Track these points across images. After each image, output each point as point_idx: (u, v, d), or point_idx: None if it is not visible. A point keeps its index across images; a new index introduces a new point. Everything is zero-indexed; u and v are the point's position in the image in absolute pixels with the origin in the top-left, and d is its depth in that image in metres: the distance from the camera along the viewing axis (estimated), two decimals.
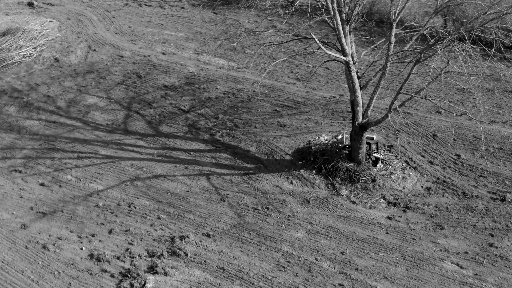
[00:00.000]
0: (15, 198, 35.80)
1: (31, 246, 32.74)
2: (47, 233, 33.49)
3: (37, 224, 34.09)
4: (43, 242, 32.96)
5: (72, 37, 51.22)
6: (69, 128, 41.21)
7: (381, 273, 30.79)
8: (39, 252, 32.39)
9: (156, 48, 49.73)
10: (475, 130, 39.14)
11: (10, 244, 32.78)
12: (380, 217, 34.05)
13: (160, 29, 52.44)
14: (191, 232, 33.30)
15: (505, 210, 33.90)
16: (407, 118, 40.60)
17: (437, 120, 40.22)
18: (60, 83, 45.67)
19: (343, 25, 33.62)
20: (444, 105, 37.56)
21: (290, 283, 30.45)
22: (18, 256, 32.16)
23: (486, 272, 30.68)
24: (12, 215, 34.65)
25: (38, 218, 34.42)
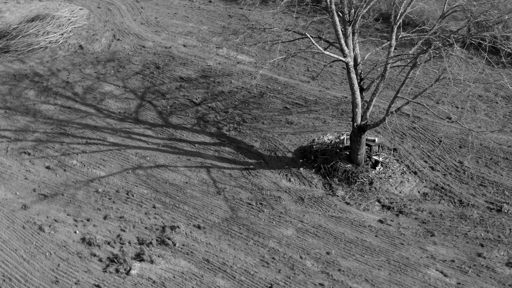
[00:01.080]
0: (20, 179, 36.97)
1: (28, 227, 33.79)
2: (45, 215, 34.50)
3: (37, 205, 35.15)
4: (40, 223, 33.97)
5: (99, 26, 52.36)
6: (82, 114, 42.26)
7: (363, 276, 30.84)
8: (34, 233, 33.41)
9: (178, 40, 50.45)
10: (483, 138, 38.63)
11: (8, 223, 33.89)
12: (372, 219, 34.04)
13: (185, 22, 53.15)
14: (183, 222, 33.87)
15: (500, 220, 33.49)
16: (416, 122, 40.29)
17: (446, 126, 39.83)
18: (81, 70, 46.79)
19: (346, 26, 33.58)
20: (436, 111, 37.11)
21: (271, 279, 30.75)
22: (14, 235, 33.23)
23: (469, 282, 30.45)
24: (15, 195, 35.80)
25: (39, 200, 35.48)
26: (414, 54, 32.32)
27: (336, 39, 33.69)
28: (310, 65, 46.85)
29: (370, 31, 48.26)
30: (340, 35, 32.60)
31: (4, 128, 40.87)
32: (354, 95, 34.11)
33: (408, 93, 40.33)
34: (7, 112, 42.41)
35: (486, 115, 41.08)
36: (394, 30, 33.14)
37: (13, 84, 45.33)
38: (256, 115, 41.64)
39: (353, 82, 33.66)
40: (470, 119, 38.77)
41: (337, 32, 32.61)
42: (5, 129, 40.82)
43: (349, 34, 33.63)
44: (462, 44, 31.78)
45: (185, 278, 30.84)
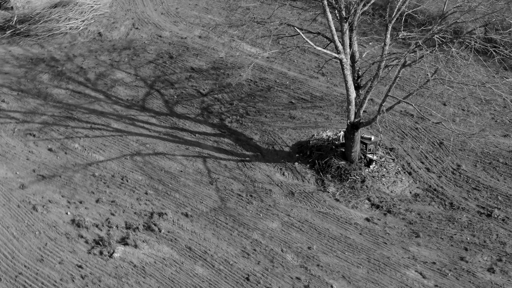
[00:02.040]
0: (22, 160, 38.05)
1: (23, 206, 34.79)
2: (41, 195, 35.47)
3: (35, 185, 36.16)
4: (34, 202, 34.95)
5: (120, 14, 53.28)
6: (91, 99, 43.19)
7: (341, 272, 30.93)
8: (28, 212, 34.40)
9: (195, 31, 51.02)
10: (485, 142, 38.19)
11: (5, 201, 34.97)
12: (359, 217, 34.06)
13: (204, 13, 53.66)
14: (171, 210, 34.43)
15: (488, 225, 33.13)
16: (419, 123, 40.04)
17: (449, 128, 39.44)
18: (96, 57, 47.76)
19: (342, 22, 33.59)
20: (424, 111, 36.74)
21: (249, 270, 31.08)
22: (8, 213, 34.27)
23: (448, 284, 30.29)
24: (15, 175, 36.88)
25: (37, 180, 36.48)
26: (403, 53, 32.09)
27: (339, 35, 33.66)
28: (321, 61, 46.83)
29: (375, 28, 47.91)
30: (334, 31, 32.63)
31: (14, 109, 42.02)
32: (347, 92, 34.11)
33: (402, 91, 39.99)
34: (19, 94, 43.58)
35: (493, 119, 40.45)
36: (388, 28, 32.99)
37: (30, 68, 46.53)
38: (260, 108, 41.90)
39: (347, 79, 33.68)
40: (468, 122, 38.34)
41: (330, 28, 32.60)
42: (15, 110, 41.97)
43: (345, 31, 33.55)
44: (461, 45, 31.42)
45: (165, 264, 31.36)
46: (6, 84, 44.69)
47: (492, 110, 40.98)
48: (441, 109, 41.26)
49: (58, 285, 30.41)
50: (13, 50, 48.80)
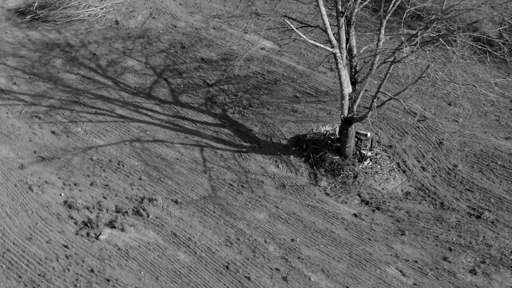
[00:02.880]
0: (25, 141, 39.02)
1: (20, 185, 35.70)
2: (38, 176, 36.33)
3: (34, 166, 37.05)
4: (31, 183, 35.81)
5: (139, 3, 54.01)
6: (99, 85, 43.98)
7: (321, 266, 31.03)
8: (23, 191, 35.28)
9: (210, 22, 51.40)
10: (485, 144, 37.79)
11: (3, 180, 35.92)
12: (347, 213, 34.07)
13: (222, 5, 54.03)
14: (162, 196, 34.93)
15: (476, 227, 32.83)
16: (421, 121, 39.75)
17: (451, 127, 39.13)
18: (110, 44, 48.55)
19: (338, 17, 33.60)
20: (416, 109, 36.42)
21: (230, 259, 31.39)
22: (5, 191, 35.21)
23: (426, 283, 30.14)
24: (17, 155, 37.84)
25: (37, 162, 37.37)
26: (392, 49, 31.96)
27: (337, 30, 33.63)
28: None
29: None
30: (327, 25, 32.65)
31: (24, 92, 43.03)
32: (341, 87, 34.10)
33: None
34: (31, 77, 44.58)
35: (497, 120, 39.96)
36: (383, 24, 32.86)
37: (44, 52, 47.54)
38: (264, 100, 42.10)
39: (341, 74, 33.66)
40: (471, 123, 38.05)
41: (324, 22, 32.62)
42: (25, 93, 42.96)
43: (342, 25, 33.52)
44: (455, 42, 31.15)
45: (149, 249, 31.85)
46: (20, 67, 45.74)
47: (498, 112, 40.32)
48: (446, 109, 40.86)
49: (43, 264, 31.08)
50: (31, 35, 49.88)
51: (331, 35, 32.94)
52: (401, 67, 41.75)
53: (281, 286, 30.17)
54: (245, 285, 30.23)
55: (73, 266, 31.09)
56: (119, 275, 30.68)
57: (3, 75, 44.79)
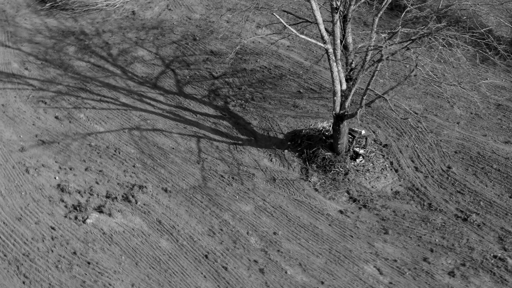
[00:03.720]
0: (28, 124, 40.03)
1: (17, 167, 36.69)
2: (36, 159, 37.27)
3: (33, 149, 38.01)
4: (28, 165, 36.77)
5: None
6: (107, 74, 44.79)
7: (299, 260, 31.22)
8: (20, 173, 36.25)
9: (224, 16, 51.80)
10: (483, 147, 37.42)
11: (2, 162, 36.98)
12: (333, 209, 34.15)
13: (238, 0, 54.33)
14: (152, 184, 35.52)
15: (460, 230, 32.62)
16: (421, 122, 39.54)
17: (451, 130, 38.86)
18: (124, 34, 49.36)
19: (333, 13, 33.66)
20: (401, 106, 36.14)
21: (210, 248, 31.82)
22: (3, 172, 36.25)
23: (402, 283, 30.10)
24: (19, 138, 38.88)
25: (37, 145, 38.33)
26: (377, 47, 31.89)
27: (331, 26, 33.69)
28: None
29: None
30: (319, 20, 32.73)
31: (34, 77, 44.09)
32: (333, 83, 34.15)
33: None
34: (43, 63, 45.62)
35: (499, 124, 39.51)
36: (375, 21, 32.79)
37: (59, 39, 48.58)
38: (267, 95, 42.34)
39: (333, 70, 33.70)
40: (471, 126, 37.72)
41: (315, 17, 32.72)
42: (34, 78, 44.02)
43: (336, 21, 33.55)
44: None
45: (133, 234, 32.46)
46: (34, 53, 46.82)
47: (501, 115, 39.83)
48: (448, 110, 40.49)
49: (28, 244, 31.91)
50: (49, 22, 50.95)
51: (322, 30, 32.98)
52: (391, 65, 41.51)
53: (257, 278, 30.41)
54: (222, 275, 30.54)
55: (57, 247, 31.82)
56: (100, 258, 31.31)
57: (17, 60, 45.89)
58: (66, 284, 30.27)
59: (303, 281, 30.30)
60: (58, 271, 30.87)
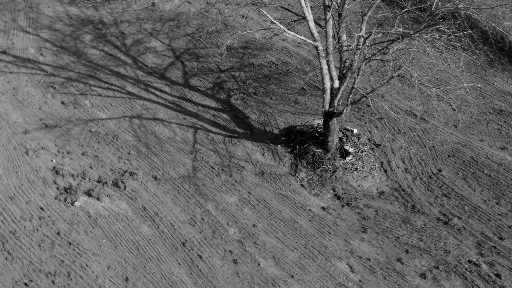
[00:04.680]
0: (35, 108, 41.46)
1: (18, 148, 38.11)
2: (37, 141, 38.64)
3: (36, 132, 39.41)
4: (29, 147, 38.15)
5: None
6: (118, 62, 45.96)
7: (273, 253, 31.73)
8: (19, 154, 37.67)
9: (240, 10, 52.46)
10: (478, 152, 37.27)
11: (4, 143, 38.45)
12: (316, 205, 34.53)
13: None
14: (144, 171, 36.46)
15: (439, 233, 32.66)
16: (419, 124, 39.55)
17: (448, 133, 38.77)
18: (141, 24, 50.50)
19: (325, 11, 34.01)
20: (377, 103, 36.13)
21: (189, 236, 32.61)
22: (4, 153, 37.72)
23: (372, 282, 30.36)
24: (24, 121, 40.33)
25: (40, 128, 39.71)
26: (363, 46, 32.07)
27: (324, 23, 34.05)
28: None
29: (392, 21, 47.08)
30: (308, 18, 33.09)
31: (48, 63, 45.54)
32: (323, 81, 34.49)
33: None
34: (58, 50, 47.06)
35: (498, 129, 39.21)
36: (364, 20, 32.99)
37: (78, 28, 49.97)
38: (270, 90, 42.85)
39: (322, 67, 34.03)
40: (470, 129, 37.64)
41: (305, 15, 33.10)
42: (48, 64, 45.47)
43: (328, 19, 33.88)
44: None
45: (117, 219, 33.45)
46: (51, 40, 48.29)
47: (502, 121, 39.49)
48: (449, 113, 40.32)
49: (16, 222, 33.20)
50: (70, 10, 52.40)
51: (312, 27, 33.30)
52: (382, 65, 41.51)
53: (229, 268, 31.01)
54: (196, 262, 31.25)
55: (43, 227, 32.99)
56: (82, 240, 32.36)
57: (34, 46, 47.40)
58: (46, 262, 31.35)
59: (274, 273, 30.74)
60: (40, 249, 31.97)
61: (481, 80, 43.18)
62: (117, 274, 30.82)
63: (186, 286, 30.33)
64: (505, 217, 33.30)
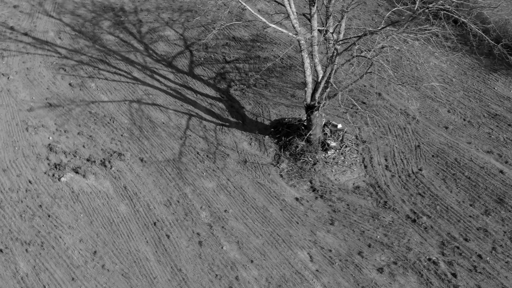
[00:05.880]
0: (43, 88, 43.61)
1: (20, 125, 40.26)
2: (38, 119, 40.72)
3: (39, 110, 41.50)
4: (30, 124, 40.25)
5: None
6: (130, 49, 47.74)
7: (238, 238, 32.85)
8: (20, 130, 39.80)
9: (258, 4, 53.56)
10: (463, 154, 37.49)
11: (9, 118, 40.66)
12: (291, 196, 35.44)
13: None
14: (132, 153, 38.04)
15: (405, 229, 33.16)
16: (410, 123, 39.93)
17: (437, 134, 39.08)
18: (159, 14, 52.19)
19: (310, 6, 34.86)
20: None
21: (161, 217, 34.05)
22: (6, 128, 39.92)
23: (329, 272, 31.16)
24: (31, 99, 42.51)
25: (44, 107, 41.79)
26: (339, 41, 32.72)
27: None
28: None
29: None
30: (290, 12, 33.98)
31: (63, 46, 47.67)
32: (304, 74, 35.33)
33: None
34: (76, 34, 49.17)
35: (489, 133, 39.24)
36: (344, 16, 33.67)
37: (98, 14, 52.00)
38: (270, 82, 43.84)
39: (304, 61, 34.87)
40: (461, 133, 37.79)
41: (286, 8, 34.00)
42: (64, 47, 47.60)
43: (313, 14, 34.70)
44: None
45: (98, 196, 35.12)
46: (72, 24, 50.44)
47: (494, 125, 39.48)
48: (445, 115, 40.52)
49: (4, 193, 35.23)
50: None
51: (294, 21, 34.14)
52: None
53: (193, 249, 32.24)
54: (163, 242, 32.60)
55: (28, 199, 34.90)
56: (61, 213, 34.12)
57: (54, 30, 49.59)
58: (24, 232, 33.21)
59: (235, 257, 31.79)
60: (21, 219, 33.86)
61: (482, 83, 43.05)
62: (87, 247, 32.38)
63: (149, 263, 31.62)
64: (475, 219, 33.42)
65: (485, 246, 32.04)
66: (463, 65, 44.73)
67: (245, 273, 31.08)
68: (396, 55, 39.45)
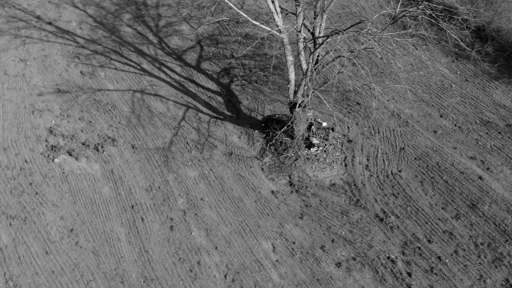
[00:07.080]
0: (56, 74, 46.09)
1: (28, 108, 42.78)
2: (46, 104, 43.17)
3: (48, 96, 43.96)
4: (37, 107, 42.72)
5: None
6: (144, 41, 49.83)
7: (208, 225, 34.39)
8: (27, 113, 42.31)
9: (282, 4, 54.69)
10: (446, 158, 38.04)
11: (19, 102, 43.24)
12: (268, 189, 36.73)
13: None
14: (125, 139, 40.00)
15: (370, 228, 34.02)
16: (401, 126, 40.63)
17: (424, 138, 39.70)
18: (179, 9, 54.12)
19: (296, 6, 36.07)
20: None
21: (140, 201, 35.86)
22: (15, 110, 42.47)
23: (288, 263, 32.35)
24: (42, 84, 45.02)
25: (53, 92, 44.24)
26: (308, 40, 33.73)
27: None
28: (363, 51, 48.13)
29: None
30: (273, 10, 35.22)
31: (82, 36, 50.11)
32: (288, 71, 36.52)
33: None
34: (97, 25, 51.56)
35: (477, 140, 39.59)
36: (323, 17, 34.71)
37: (122, 7, 54.29)
38: (272, 79, 45.12)
39: (287, 59, 36.08)
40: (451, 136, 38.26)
41: (269, 7, 35.27)
42: (82, 37, 50.04)
43: (299, 13, 35.88)
44: None
45: (85, 178, 37.20)
46: (94, 16, 52.86)
47: (483, 132, 39.77)
48: (437, 120, 41.01)
49: (0, 170, 37.62)
50: None
51: (277, 20, 35.34)
52: (380, 62, 42.37)
53: (164, 233, 33.89)
54: (136, 224, 34.37)
55: (21, 176, 37.20)
56: (48, 192, 36.28)
57: (77, 20, 52.08)
58: (11, 207, 35.48)
59: (201, 243, 33.27)
60: (10, 195, 36.15)
61: (481, 90, 43.23)
62: (66, 224, 34.39)
63: (120, 243, 33.40)
64: (444, 222, 33.93)
65: (447, 249, 32.50)
66: (466, 71, 44.92)
67: (208, 258, 32.45)
68: (381, 55, 39.96)
